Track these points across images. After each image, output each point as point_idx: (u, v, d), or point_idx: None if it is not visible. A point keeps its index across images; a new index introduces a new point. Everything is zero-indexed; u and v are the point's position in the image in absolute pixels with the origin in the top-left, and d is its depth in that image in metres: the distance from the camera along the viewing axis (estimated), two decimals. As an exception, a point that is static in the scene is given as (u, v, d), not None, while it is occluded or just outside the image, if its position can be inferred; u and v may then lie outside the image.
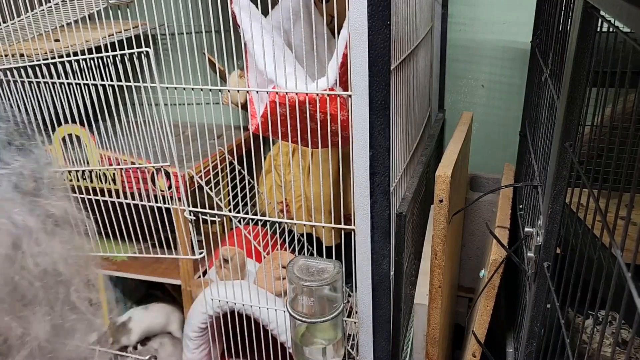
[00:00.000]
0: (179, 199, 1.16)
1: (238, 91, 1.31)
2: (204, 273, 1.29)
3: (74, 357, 0.50)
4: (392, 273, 0.95)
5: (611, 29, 0.53)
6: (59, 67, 1.12)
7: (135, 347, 1.43)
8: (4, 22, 1.16)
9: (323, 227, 1.03)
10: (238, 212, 1.10)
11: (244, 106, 1.35)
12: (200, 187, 1.21)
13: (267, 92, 0.97)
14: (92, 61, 1.09)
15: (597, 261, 0.53)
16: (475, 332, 0.97)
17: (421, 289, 1.06)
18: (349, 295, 1.31)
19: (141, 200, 1.19)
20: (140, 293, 1.60)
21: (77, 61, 1.10)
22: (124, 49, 1.05)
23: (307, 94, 0.93)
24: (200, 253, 1.17)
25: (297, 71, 0.97)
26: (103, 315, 1.49)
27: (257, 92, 1.02)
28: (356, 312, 1.01)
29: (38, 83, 1.15)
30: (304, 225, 1.33)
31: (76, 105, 1.14)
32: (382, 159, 0.86)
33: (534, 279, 0.74)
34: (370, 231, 0.91)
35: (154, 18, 1.26)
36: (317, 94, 0.93)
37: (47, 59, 1.12)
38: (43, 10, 1.13)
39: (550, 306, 0.72)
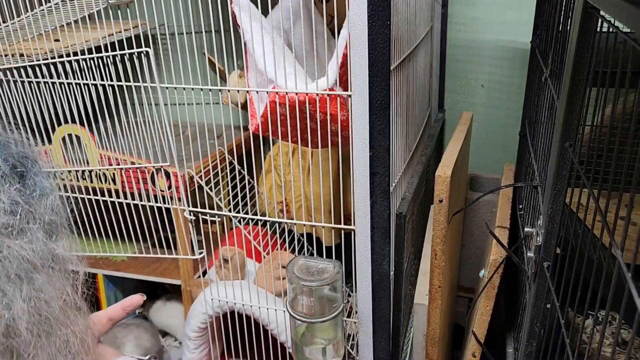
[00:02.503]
0: (179, 199, 1.16)
1: (238, 91, 1.31)
2: (204, 273, 1.28)
3: None
4: (392, 273, 0.95)
5: (611, 29, 0.53)
6: (59, 67, 1.12)
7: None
8: (4, 22, 1.16)
9: (323, 227, 1.03)
10: (238, 212, 1.10)
11: (244, 106, 1.35)
12: (200, 187, 1.20)
13: (267, 92, 0.97)
14: (92, 61, 1.09)
15: (597, 261, 0.53)
16: (475, 332, 0.97)
17: (421, 289, 1.06)
18: (349, 295, 1.31)
19: (141, 200, 1.19)
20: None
21: (77, 61, 1.10)
22: (124, 49, 1.05)
23: (307, 94, 0.93)
24: (200, 253, 1.17)
25: (297, 71, 0.97)
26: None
27: (257, 92, 1.02)
28: (356, 312, 1.01)
29: (38, 83, 1.15)
30: (304, 225, 1.33)
31: (76, 105, 1.14)
32: (382, 159, 0.86)
33: (534, 279, 0.74)
34: (370, 231, 0.91)
35: (154, 18, 1.26)
36: (317, 94, 0.93)
37: (47, 59, 1.12)
38: (43, 10, 1.13)
39: (550, 306, 0.72)
